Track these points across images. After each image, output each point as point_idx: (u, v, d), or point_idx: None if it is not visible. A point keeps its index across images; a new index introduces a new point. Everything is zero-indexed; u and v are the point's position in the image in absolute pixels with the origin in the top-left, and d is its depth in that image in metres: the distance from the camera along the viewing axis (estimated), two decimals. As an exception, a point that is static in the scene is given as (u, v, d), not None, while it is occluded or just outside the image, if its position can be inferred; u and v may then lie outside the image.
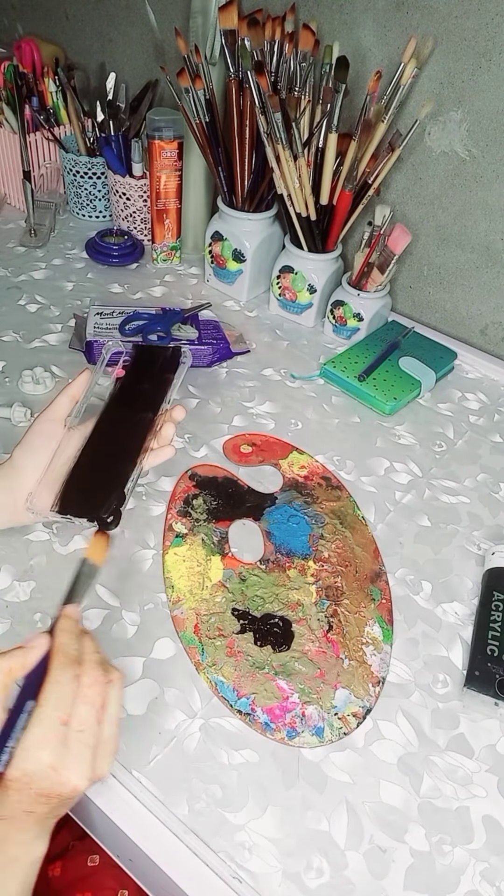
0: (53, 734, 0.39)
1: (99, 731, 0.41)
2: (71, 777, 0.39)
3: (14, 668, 0.41)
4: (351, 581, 0.65)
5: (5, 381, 0.81)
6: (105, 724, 0.41)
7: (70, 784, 0.39)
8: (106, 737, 0.41)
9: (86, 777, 0.39)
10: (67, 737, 0.39)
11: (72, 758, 0.39)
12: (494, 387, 0.91)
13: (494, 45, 0.77)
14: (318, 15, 0.88)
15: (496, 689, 0.56)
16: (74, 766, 0.39)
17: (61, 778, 0.39)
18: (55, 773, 0.39)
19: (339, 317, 0.92)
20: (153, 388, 0.59)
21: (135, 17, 1.08)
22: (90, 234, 1.06)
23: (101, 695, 0.41)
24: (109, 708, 0.42)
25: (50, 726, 0.39)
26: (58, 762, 0.39)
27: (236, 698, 0.55)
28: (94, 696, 0.41)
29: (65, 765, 0.39)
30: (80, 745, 0.39)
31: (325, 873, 0.47)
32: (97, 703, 0.41)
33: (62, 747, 0.39)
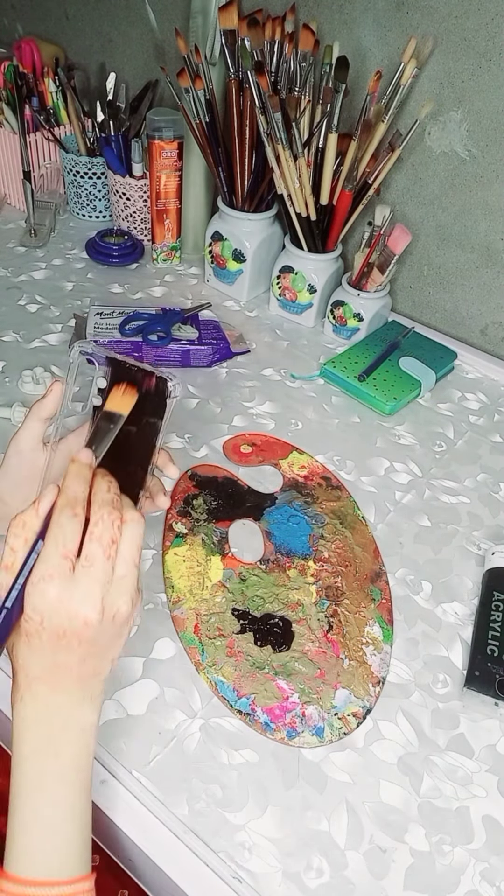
0: (57, 568, 0.38)
1: (108, 567, 0.40)
2: (79, 609, 0.38)
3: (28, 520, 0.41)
4: (351, 581, 0.65)
5: (5, 381, 0.81)
6: (118, 562, 0.40)
7: (80, 616, 0.38)
8: (119, 574, 0.40)
9: (94, 609, 0.39)
10: (73, 571, 0.39)
11: (77, 590, 0.39)
12: (494, 387, 0.91)
13: (494, 45, 0.77)
14: (318, 15, 0.88)
15: (496, 689, 0.56)
16: (80, 597, 0.38)
17: (70, 610, 0.38)
18: (62, 605, 0.38)
19: (339, 317, 0.92)
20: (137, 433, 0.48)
21: (135, 17, 1.08)
22: (90, 234, 1.06)
23: (108, 532, 0.40)
24: (122, 546, 0.41)
25: (54, 562, 0.39)
26: (63, 594, 0.38)
27: (236, 698, 0.55)
28: (100, 532, 0.40)
29: (70, 596, 0.38)
30: (86, 579, 0.39)
31: (325, 873, 0.47)
32: (104, 540, 0.40)
33: (67, 581, 0.39)
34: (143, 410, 0.48)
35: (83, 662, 0.41)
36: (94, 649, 0.40)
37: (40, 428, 0.51)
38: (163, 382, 0.47)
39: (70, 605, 0.39)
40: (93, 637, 0.40)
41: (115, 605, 0.40)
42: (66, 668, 0.40)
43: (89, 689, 0.42)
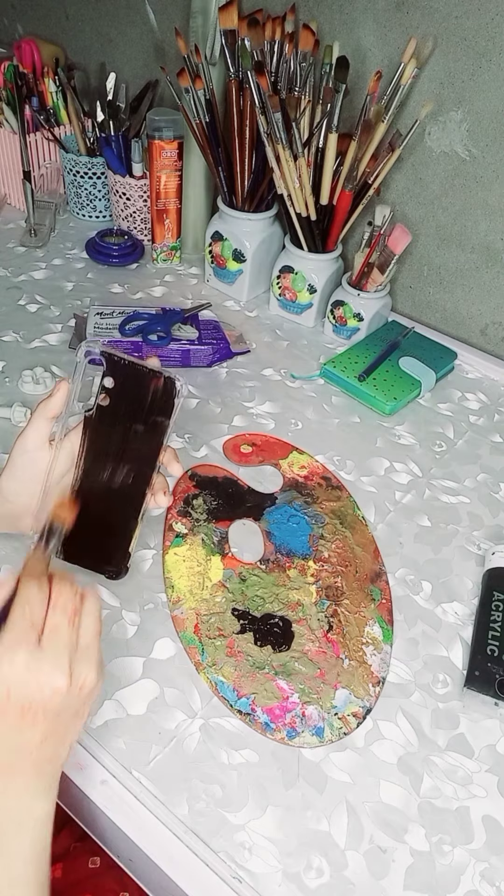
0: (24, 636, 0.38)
1: (73, 636, 0.40)
2: (49, 677, 0.38)
3: None
4: (351, 581, 0.65)
5: (5, 381, 0.81)
6: (81, 633, 0.41)
7: (49, 683, 0.38)
8: (84, 644, 0.41)
9: (64, 674, 0.39)
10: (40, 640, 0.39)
11: (46, 658, 0.38)
12: (494, 387, 0.91)
13: (494, 45, 0.77)
14: (318, 15, 0.88)
15: (496, 689, 0.56)
16: (50, 665, 0.38)
17: (39, 679, 0.38)
18: (32, 675, 0.38)
19: (340, 317, 0.92)
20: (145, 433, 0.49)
21: (135, 17, 1.08)
22: (90, 234, 1.06)
23: (71, 602, 0.41)
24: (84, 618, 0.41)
25: (21, 630, 0.38)
26: (32, 662, 0.38)
27: (236, 698, 0.55)
28: (63, 603, 0.40)
29: (39, 666, 0.38)
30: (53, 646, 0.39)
31: (325, 873, 0.47)
32: (68, 610, 0.40)
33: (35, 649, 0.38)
34: (151, 410, 0.48)
35: (43, 743, 0.39)
36: (56, 726, 0.40)
37: (46, 427, 0.51)
38: (170, 382, 0.47)
39: (39, 673, 0.38)
40: (58, 709, 0.39)
41: (82, 674, 0.40)
42: (25, 751, 0.39)
43: (45, 777, 0.41)
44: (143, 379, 0.48)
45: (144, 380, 0.48)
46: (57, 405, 0.51)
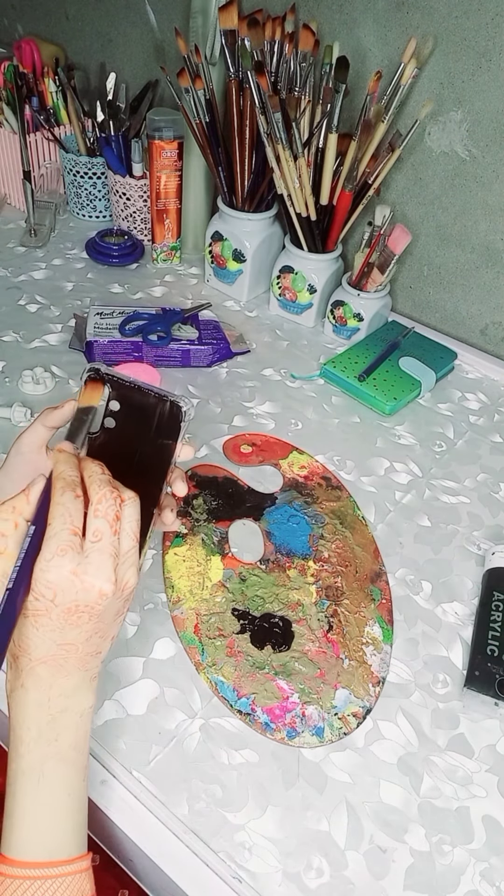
0: (69, 544, 0.39)
1: (115, 541, 0.41)
2: (94, 581, 0.39)
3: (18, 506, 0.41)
4: (351, 581, 0.65)
5: (5, 381, 0.81)
6: (122, 537, 0.41)
7: (95, 588, 0.39)
8: (125, 549, 0.41)
9: (109, 580, 0.40)
10: (83, 546, 0.40)
11: (91, 563, 0.39)
12: (494, 387, 0.91)
13: (494, 45, 0.77)
14: (318, 15, 0.88)
15: (496, 689, 0.56)
16: (94, 570, 0.39)
17: (85, 584, 0.39)
18: (77, 578, 0.39)
19: (339, 317, 0.92)
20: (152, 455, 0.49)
21: (135, 17, 1.08)
22: (90, 234, 1.06)
23: (112, 508, 0.41)
24: (124, 522, 0.42)
25: (64, 537, 0.39)
26: (78, 568, 0.39)
27: (236, 698, 0.55)
28: (104, 510, 0.41)
29: (85, 570, 0.39)
30: (97, 553, 0.40)
31: (325, 873, 0.47)
32: (109, 516, 0.41)
33: (80, 555, 0.39)
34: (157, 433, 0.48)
35: (88, 640, 0.41)
36: (100, 625, 0.41)
37: (45, 434, 0.52)
38: (176, 406, 0.47)
39: (85, 577, 0.39)
40: (102, 610, 0.40)
41: (125, 577, 0.41)
42: (71, 646, 0.41)
43: (90, 669, 0.43)
44: (148, 402, 0.48)
45: (150, 403, 0.48)
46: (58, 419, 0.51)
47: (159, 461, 0.49)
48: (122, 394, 0.48)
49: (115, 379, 0.48)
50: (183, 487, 0.51)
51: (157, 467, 0.49)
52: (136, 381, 0.48)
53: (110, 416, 0.49)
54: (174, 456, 0.49)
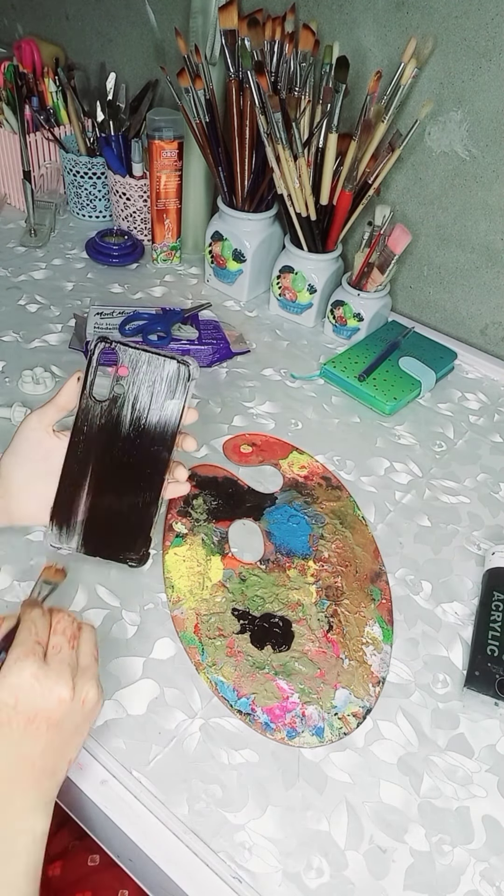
0: (32, 652, 0.42)
1: (74, 656, 0.44)
2: (54, 687, 0.42)
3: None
4: (351, 581, 0.65)
5: (5, 381, 0.81)
6: (80, 655, 0.45)
7: (54, 693, 0.42)
8: (84, 665, 0.45)
9: (68, 686, 0.42)
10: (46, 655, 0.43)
11: (52, 671, 0.42)
12: (494, 387, 0.91)
13: (494, 45, 0.77)
14: (318, 15, 0.88)
15: (496, 689, 0.56)
16: (55, 676, 0.42)
17: (44, 689, 0.41)
18: (39, 683, 0.41)
19: (339, 317, 0.92)
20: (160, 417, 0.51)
21: (135, 17, 1.08)
22: (90, 234, 1.06)
23: (70, 628, 0.46)
24: (82, 644, 0.46)
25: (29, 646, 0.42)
26: (40, 673, 0.42)
27: (236, 698, 0.55)
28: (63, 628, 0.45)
29: (46, 675, 0.42)
30: (57, 662, 0.43)
31: (325, 873, 0.47)
32: (68, 634, 0.45)
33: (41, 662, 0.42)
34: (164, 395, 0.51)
35: (44, 755, 0.42)
36: (57, 737, 0.42)
37: (53, 414, 0.53)
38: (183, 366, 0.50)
39: (45, 682, 0.42)
40: (61, 719, 0.42)
41: (83, 690, 0.44)
42: (27, 762, 0.41)
43: (45, 792, 0.43)
44: (155, 365, 0.50)
45: (157, 366, 0.50)
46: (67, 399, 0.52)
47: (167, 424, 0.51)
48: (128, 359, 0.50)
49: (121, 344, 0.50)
50: (192, 443, 0.53)
51: (164, 432, 0.51)
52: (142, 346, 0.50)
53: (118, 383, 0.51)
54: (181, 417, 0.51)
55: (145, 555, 0.54)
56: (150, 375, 0.51)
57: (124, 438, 0.51)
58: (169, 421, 0.51)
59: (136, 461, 0.52)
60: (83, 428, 0.52)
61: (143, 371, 0.51)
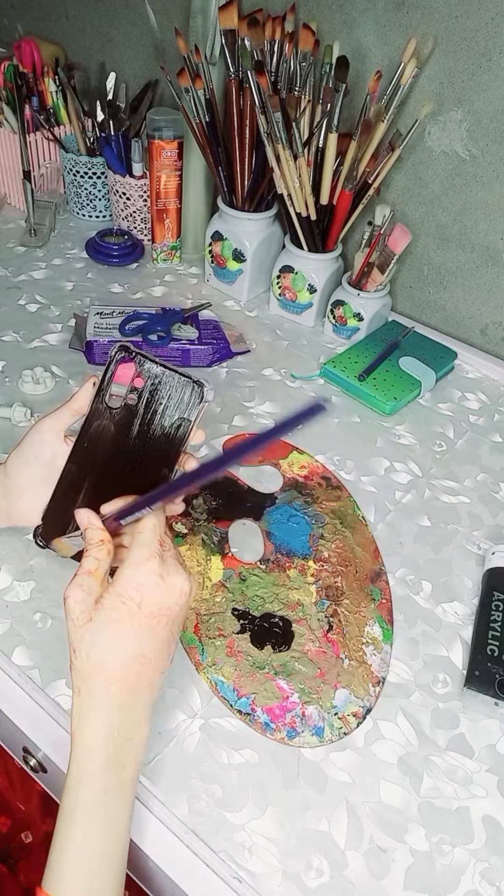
0: (157, 551, 0.44)
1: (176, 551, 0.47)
2: (175, 581, 0.44)
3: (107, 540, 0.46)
4: (351, 581, 0.65)
5: (5, 381, 0.81)
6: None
7: (176, 586, 0.44)
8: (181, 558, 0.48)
9: (186, 579, 0.45)
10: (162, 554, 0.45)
11: (171, 568, 0.45)
12: (494, 387, 0.91)
13: (494, 45, 0.77)
14: (318, 15, 0.88)
15: (496, 689, 0.56)
16: (174, 571, 0.44)
17: (168, 584, 0.44)
18: (163, 580, 0.43)
19: (340, 317, 0.92)
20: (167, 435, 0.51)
21: (135, 17, 1.08)
22: (90, 233, 1.06)
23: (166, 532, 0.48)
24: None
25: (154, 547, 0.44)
26: (163, 571, 0.44)
27: (236, 698, 0.55)
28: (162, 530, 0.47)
29: (167, 572, 0.44)
30: (172, 560, 0.45)
31: (325, 873, 0.47)
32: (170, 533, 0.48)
33: (162, 561, 0.44)
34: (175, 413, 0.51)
35: (160, 652, 0.44)
36: (171, 634, 0.45)
37: (67, 418, 0.54)
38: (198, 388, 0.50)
39: (167, 578, 0.44)
40: (178, 613, 0.44)
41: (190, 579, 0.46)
42: (146, 659, 0.43)
43: (154, 692, 0.45)
44: (171, 383, 0.50)
45: (173, 384, 0.50)
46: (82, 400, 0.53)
47: (173, 441, 0.51)
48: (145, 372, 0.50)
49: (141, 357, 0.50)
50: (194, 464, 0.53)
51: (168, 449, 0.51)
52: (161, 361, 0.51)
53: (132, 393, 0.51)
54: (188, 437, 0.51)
55: None
56: (165, 392, 0.50)
57: (128, 449, 0.51)
58: (175, 438, 0.51)
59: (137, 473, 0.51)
60: (90, 432, 0.51)
61: (159, 386, 0.50)
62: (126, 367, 0.50)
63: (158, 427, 0.51)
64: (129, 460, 0.51)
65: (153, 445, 0.51)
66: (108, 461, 0.52)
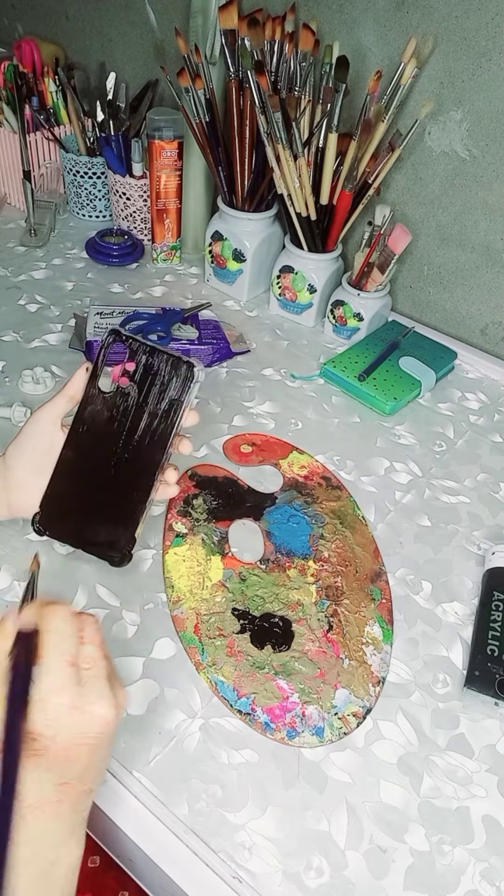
0: (65, 677, 0.38)
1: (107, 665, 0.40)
2: (95, 710, 0.38)
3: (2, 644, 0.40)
4: (351, 581, 0.65)
5: (5, 381, 0.81)
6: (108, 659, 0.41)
7: (96, 717, 0.38)
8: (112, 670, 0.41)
9: (111, 705, 0.39)
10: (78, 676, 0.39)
11: (90, 693, 0.39)
12: (494, 387, 0.91)
13: (494, 44, 0.77)
14: (318, 15, 0.88)
15: (496, 689, 0.56)
16: (95, 698, 0.39)
17: (86, 715, 0.38)
18: (78, 712, 0.38)
19: (340, 316, 0.92)
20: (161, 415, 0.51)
21: (135, 17, 1.08)
22: (90, 233, 1.06)
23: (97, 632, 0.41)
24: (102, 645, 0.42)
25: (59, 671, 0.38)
26: (77, 700, 0.38)
27: (236, 698, 0.55)
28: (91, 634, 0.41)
29: (86, 701, 0.38)
30: (94, 680, 0.39)
31: (325, 873, 0.47)
32: (96, 641, 0.41)
33: (77, 686, 0.39)
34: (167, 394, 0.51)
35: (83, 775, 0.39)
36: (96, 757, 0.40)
37: (63, 406, 0.53)
38: (189, 367, 0.50)
39: (86, 708, 0.38)
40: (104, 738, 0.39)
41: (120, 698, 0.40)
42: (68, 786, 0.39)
43: (81, 811, 0.41)
44: (162, 362, 0.50)
45: (164, 364, 0.50)
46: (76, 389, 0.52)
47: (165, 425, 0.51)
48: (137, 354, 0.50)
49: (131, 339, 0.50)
50: (189, 446, 0.53)
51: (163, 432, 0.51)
52: (152, 343, 0.50)
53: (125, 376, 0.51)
54: (180, 419, 0.50)
55: (127, 555, 0.53)
56: (157, 372, 0.50)
57: (123, 434, 0.51)
58: (169, 420, 0.51)
59: (132, 458, 0.51)
60: (85, 418, 0.52)
61: (150, 367, 0.50)
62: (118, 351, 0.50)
63: (152, 408, 0.51)
64: (125, 445, 0.51)
65: (147, 429, 0.51)
66: (104, 447, 0.52)
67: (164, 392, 0.51)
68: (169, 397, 0.51)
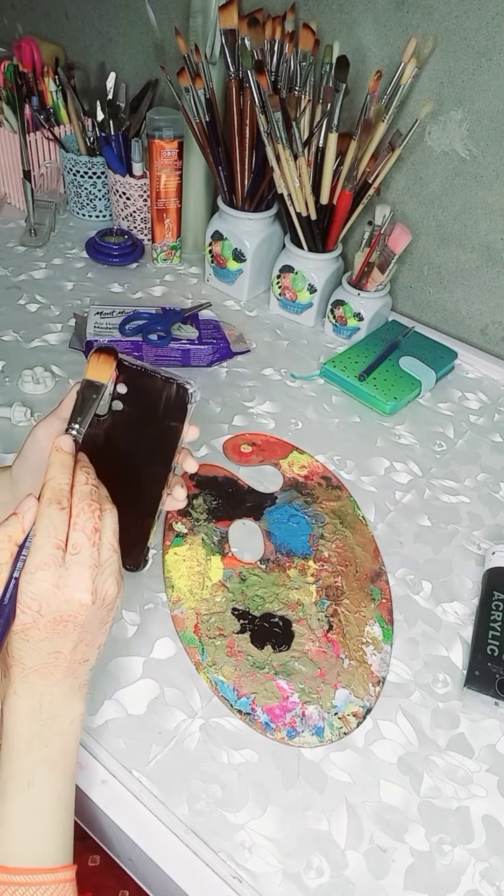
0: (50, 557, 0.41)
1: (94, 552, 0.42)
2: (73, 593, 0.41)
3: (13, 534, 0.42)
4: (351, 581, 0.65)
5: (5, 381, 0.81)
6: (101, 548, 0.43)
7: (75, 598, 0.41)
8: (104, 559, 0.43)
9: (88, 591, 0.41)
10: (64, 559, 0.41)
11: (71, 575, 0.41)
12: (494, 387, 0.91)
13: (494, 44, 0.77)
14: (318, 14, 0.88)
15: (496, 689, 0.56)
16: (74, 581, 0.41)
17: (65, 594, 0.41)
18: (59, 590, 0.41)
19: (340, 316, 0.92)
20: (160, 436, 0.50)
21: (135, 17, 1.08)
22: (90, 233, 1.06)
23: (90, 521, 0.43)
24: (103, 533, 0.43)
25: (47, 551, 0.41)
26: (59, 580, 0.41)
27: (236, 698, 0.55)
28: (83, 522, 0.42)
29: (66, 582, 0.41)
30: (76, 565, 0.41)
31: (325, 873, 0.47)
32: (87, 529, 0.42)
33: (60, 568, 0.41)
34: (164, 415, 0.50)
35: (75, 648, 0.43)
36: (86, 634, 0.43)
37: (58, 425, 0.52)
38: (183, 389, 0.49)
39: (65, 590, 0.41)
40: (85, 620, 0.42)
41: (104, 588, 0.43)
42: (60, 654, 0.42)
43: (78, 677, 0.44)
44: (156, 385, 0.49)
45: (157, 386, 0.49)
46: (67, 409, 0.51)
47: (166, 443, 0.50)
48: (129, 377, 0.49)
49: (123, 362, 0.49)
50: (194, 464, 0.52)
51: (164, 449, 0.50)
52: (143, 365, 0.49)
53: (118, 399, 0.50)
54: (181, 437, 0.50)
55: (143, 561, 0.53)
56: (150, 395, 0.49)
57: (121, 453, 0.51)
58: (167, 439, 0.50)
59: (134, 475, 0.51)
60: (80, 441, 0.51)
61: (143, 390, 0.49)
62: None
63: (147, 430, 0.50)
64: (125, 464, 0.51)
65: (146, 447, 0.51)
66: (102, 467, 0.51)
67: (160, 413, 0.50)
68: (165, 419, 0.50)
